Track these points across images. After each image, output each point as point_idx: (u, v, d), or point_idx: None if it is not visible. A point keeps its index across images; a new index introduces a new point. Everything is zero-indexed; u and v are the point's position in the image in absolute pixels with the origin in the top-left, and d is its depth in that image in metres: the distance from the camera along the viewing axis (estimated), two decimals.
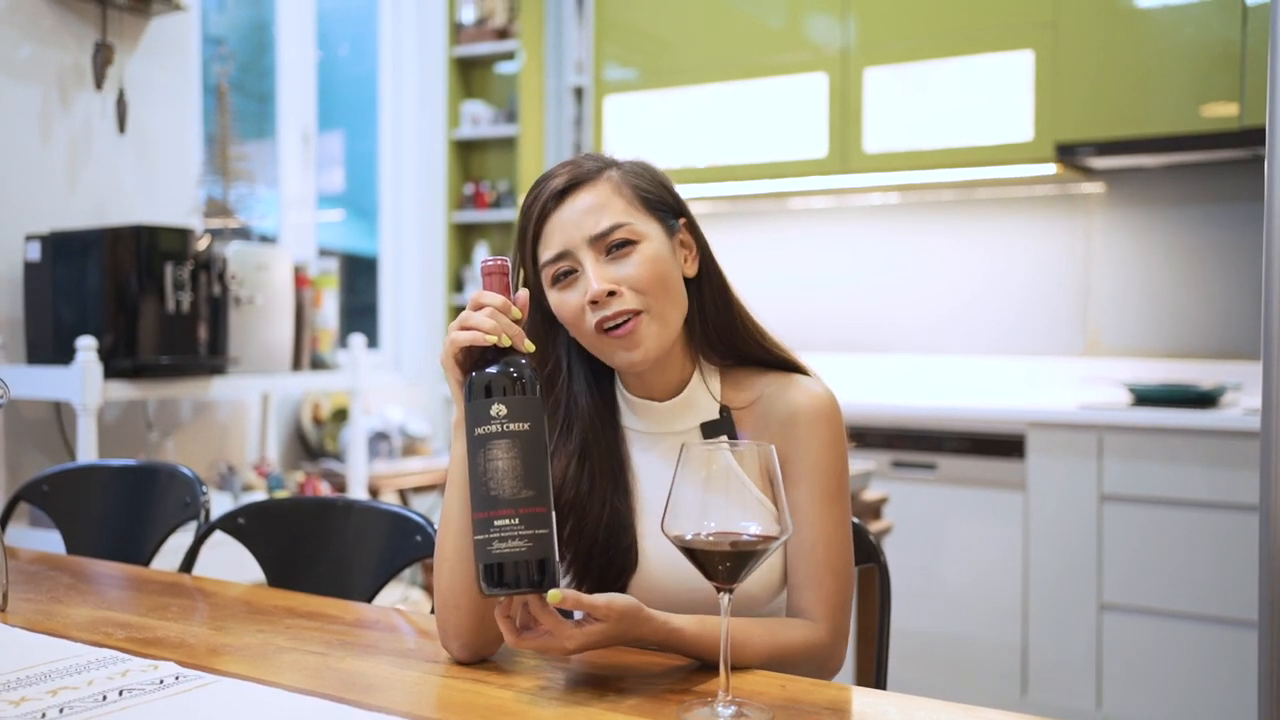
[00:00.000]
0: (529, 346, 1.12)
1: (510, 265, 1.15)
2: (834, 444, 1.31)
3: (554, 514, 1.07)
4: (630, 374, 1.34)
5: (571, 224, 1.26)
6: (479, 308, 1.12)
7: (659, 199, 1.31)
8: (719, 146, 3.95)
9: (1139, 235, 3.59)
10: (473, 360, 1.12)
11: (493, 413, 1.05)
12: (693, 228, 1.35)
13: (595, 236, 1.26)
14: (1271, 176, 1.54)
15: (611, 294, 1.24)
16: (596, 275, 1.25)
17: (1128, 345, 3.60)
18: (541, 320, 1.33)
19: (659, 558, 1.29)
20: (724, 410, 1.34)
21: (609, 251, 1.26)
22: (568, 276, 1.27)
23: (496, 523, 1.04)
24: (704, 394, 1.34)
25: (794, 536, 1.27)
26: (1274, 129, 1.53)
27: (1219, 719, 2.92)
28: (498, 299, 1.12)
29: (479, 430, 1.05)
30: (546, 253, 1.28)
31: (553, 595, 1.05)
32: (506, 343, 1.10)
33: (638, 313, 1.25)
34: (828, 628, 1.25)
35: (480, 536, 1.04)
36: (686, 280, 1.32)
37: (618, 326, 1.25)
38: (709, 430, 1.33)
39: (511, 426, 1.05)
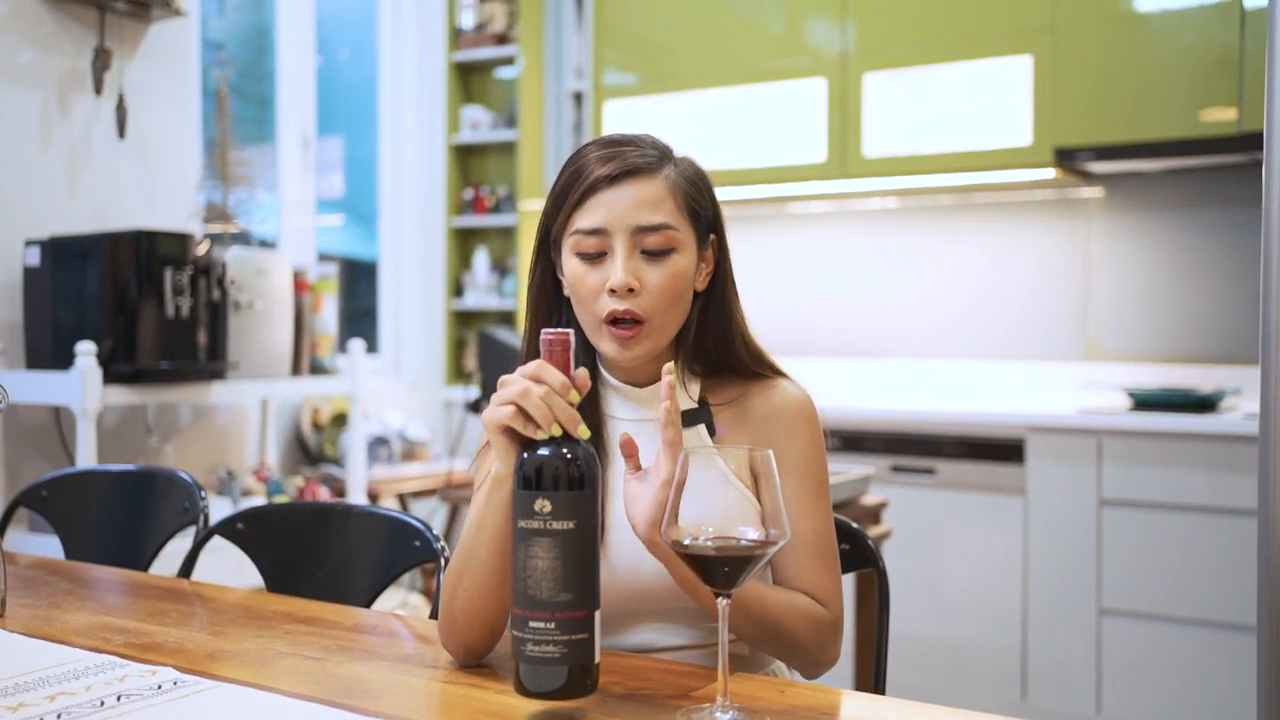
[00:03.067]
0: (584, 433, 1.04)
1: (573, 338, 1.07)
2: (814, 440, 1.34)
3: (598, 613, 1.02)
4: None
5: (620, 207, 1.27)
6: (538, 382, 1.04)
7: (703, 212, 1.33)
8: (718, 151, 3.95)
9: (1138, 240, 3.59)
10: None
11: (537, 508, 1.00)
12: (720, 246, 1.37)
13: (640, 228, 1.27)
14: (1269, 181, 1.54)
15: (631, 290, 1.25)
16: (625, 268, 1.26)
17: (1127, 350, 3.60)
18: (551, 283, 1.35)
19: (625, 546, 1.28)
20: (702, 401, 1.35)
21: (644, 249, 1.27)
22: (595, 256, 1.27)
23: (532, 624, 1.00)
24: (680, 390, 1.35)
25: None
26: (1272, 134, 1.53)
27: None
28: (558, 380, 1.04)
29: (522, 523, 1.01)
30: (584, 221, 1.28)
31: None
32: (559, 433, 1.03)
33: (642, 321, 1.27)
34: (831, 608, 1.27)
35: (517, 633, 1.01)
36: (694, 293, 1.34)
37: (623, 325, 1.27)
38: (687, 419, 1.33)
39: (555, 525, 1.00)
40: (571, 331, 1.06)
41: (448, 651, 1.21)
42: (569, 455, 1.02)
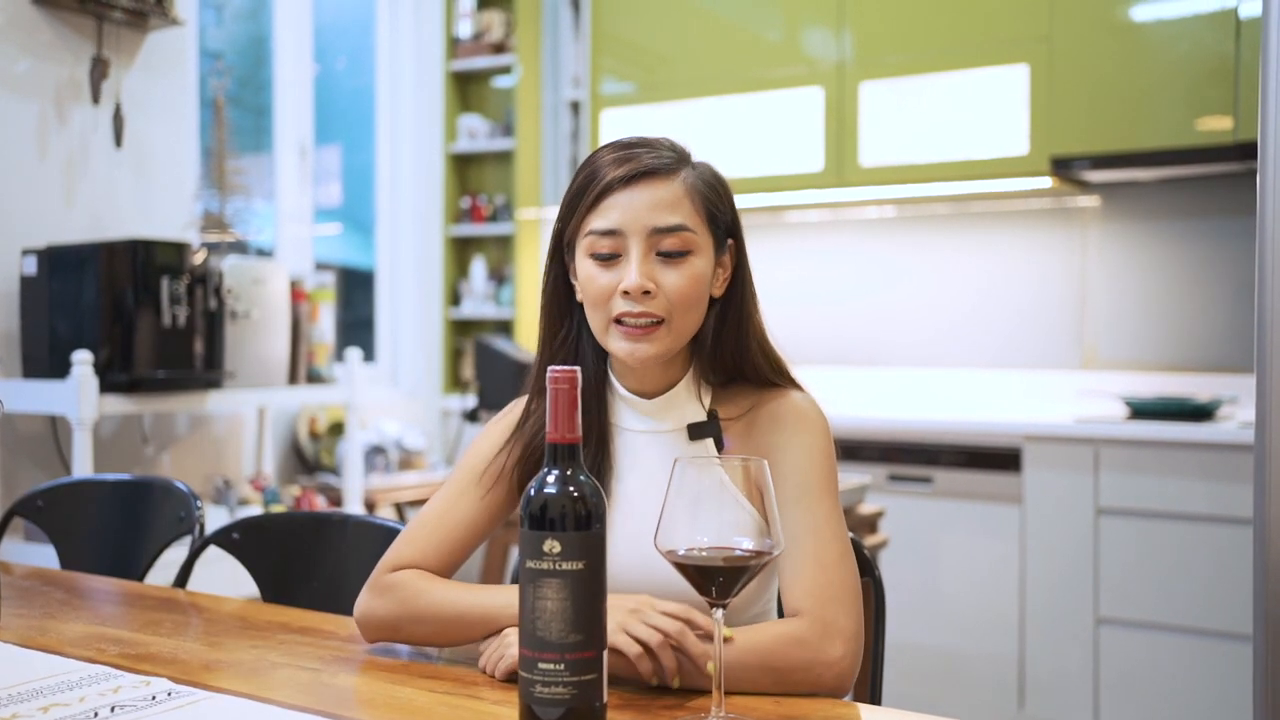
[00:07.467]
0: (677, 683, 1.12)
1: (579, 375, 1.03)
2: (814, 445, 1.29)
3: (606, 652, 1.02)
4: (623, 364, 1.33)
5: (636, 208, 1.26)
6: (678, 648, 1.13)
7: (720, 216, 1.32)
8: (715, 160, 3.94)
9: (1134, 249, 3.59)
10: (531, 462, 1.08)
11: (545, 548, 0.99)
12: (738, 251, 1.35)
13: (656, 229, 1.25)
14: (1264, 189, 1.55)
15: (646, 292, 1.24)
16: (640, 270, 1.24)
17: (1124, 358, 3.61)
18: (564, 288, 1.34)
19: (627, 559, 1.27)
20: (712, 414, 1.32)
21: (660, 251, 1.26)
22: (609, 258, 1.26)
23: (541, 665, 0.99)
24: (692, 399, 1.33)
25: None
26: (1266, 142, 1.54)
27: None
28: (698, 649, 1.12)
29: (530, 563, 1.00)
30: (599, 222, 1.26)
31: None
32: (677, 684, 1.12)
33: (660, 322, 1.25)
34: (810, 619, 1.18)
35: (525, 674, 1.00)
36: (710, 299, 1.32)
37: (636, 326, 1.25)
38: (695, 431, 1.31)
39: (564, 566, 0.98)
40: (578, 369, 1.04)
41: (361, 630, 1.30)
42: (576, 494, 1.00)
